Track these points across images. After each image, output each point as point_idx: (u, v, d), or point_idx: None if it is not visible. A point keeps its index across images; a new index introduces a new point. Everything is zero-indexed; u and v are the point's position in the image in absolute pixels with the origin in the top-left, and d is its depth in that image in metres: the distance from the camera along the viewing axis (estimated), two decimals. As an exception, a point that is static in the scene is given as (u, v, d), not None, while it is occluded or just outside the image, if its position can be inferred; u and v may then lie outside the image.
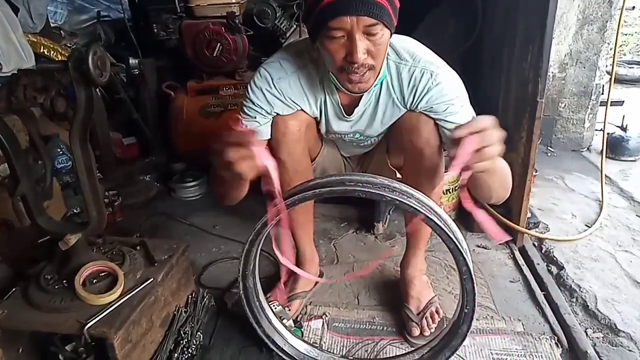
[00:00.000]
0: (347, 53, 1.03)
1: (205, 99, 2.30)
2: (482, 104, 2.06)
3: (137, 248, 1.41)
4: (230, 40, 2.15)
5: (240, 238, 1.79)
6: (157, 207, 2.22)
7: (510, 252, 1.76)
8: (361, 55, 1.02)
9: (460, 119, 1.15)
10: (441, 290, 1.56)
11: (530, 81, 1.57)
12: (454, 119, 1.16)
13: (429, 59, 1.18)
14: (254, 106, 1.23)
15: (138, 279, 1.28)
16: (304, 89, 1.23)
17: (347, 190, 1.00)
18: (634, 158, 2.59)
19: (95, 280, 1.22)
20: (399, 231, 1.90)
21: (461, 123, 1.15)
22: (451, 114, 1.16)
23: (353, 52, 1.01)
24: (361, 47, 1.01)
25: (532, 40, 1.55)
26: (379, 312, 1.46)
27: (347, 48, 1.02)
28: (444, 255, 1.72)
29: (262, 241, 1.16)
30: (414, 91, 1.18)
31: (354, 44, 1.00)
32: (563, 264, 1.63)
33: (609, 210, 2.06)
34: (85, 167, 1.15)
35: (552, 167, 2.52)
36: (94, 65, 1.01)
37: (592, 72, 2.54)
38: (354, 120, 1.28)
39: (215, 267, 1.73)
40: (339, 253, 1.80)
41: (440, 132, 1.20)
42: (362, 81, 1.09)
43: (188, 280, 1.49)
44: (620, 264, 1.65)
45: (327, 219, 2.02)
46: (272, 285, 1.53)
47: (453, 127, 1.15)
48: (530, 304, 1.48)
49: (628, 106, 2.97)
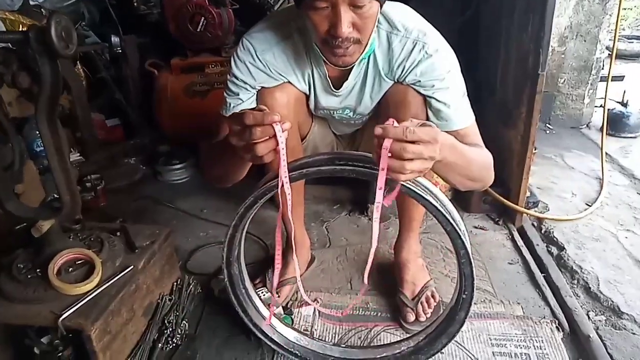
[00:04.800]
0: (330, 26, 0.94)
1: (191, 77, 2.21)
2: (479, 78, 2.00)
3: (117, 234, 1.34)
4: (215, 14, 2.05)
5: (229, 222, 1.71)
6: (143, 191, 2.14)
7: (508, 233, 1.70)
8: (345, 29, 0.93)
9: (449, 97, 1.07)
10: (437, 273, 1.50)
11: (530, 53, 1.49)
12: (442, 96, 1.07)
13: (422, 29, 1.09)
14: (237, 81, 1.14)
15: (117, 266, 1.21)
16: (289, 60, 1.14)
17: (336, 169, 0.92)
18: (635, 135, 2.53)
19: (71, 268, 1.15)
20: (393, 212, 1.83)
21: (449, 102, 1.08)
22: (440, 90, 1.08)
23: (337, 26, 0.92)
24: (346, 20, 0.92)
25: (532, 8, 1.46)
26: (372, 296, 1.41)
27: (331, 20, 0.94)
28: (440, 237, 1.66)
29: (247, 225, 1.09)
30: (403, 63, 1.10)
31: (338, 17, 0.91)
32: (563, 244, 1.58)
33: (610, 188, 2.00)
34: (55, 149, 1.06)
35: (550, 145, 2.46)
36: (57, 35, 0.92)
37: (592, 46, 2.46)
38: (343, 95, 1.20)
39: (203, 252, 1.67)
40: (331, 236, 1.74)
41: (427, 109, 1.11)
42: (347, 54, 1.00)
43: (172, 266, 1.42)
44: (622, 244, 1.60)
45: (319, 201, 1.95)
46: (262, 270, 1.47)
47: (441, 106, 1.08)
48: (530, 287, 1.42)
49: (628, 82, 2.89)
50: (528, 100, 1.54)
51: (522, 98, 1.58)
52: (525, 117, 1.56)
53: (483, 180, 1.09)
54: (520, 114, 1.61)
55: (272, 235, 1.74)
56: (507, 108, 1.72)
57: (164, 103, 2.22)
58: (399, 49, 1.10)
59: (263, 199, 0.99)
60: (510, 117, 1.69)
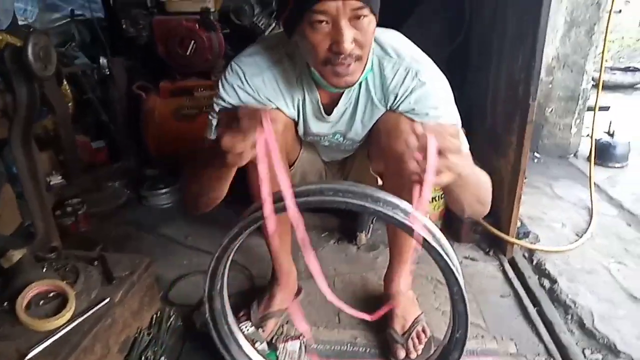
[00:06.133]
0: (332, 42, 0.92)
1: (179, 100, 2.18)
2: (469, 106, 1.99)
3: (94, 263, 1.28)
4: (205, 38, 2.03)
5: (213, 250, 1.66)
6: (126, 216, 2.08)
7: (499, 264, 1.66)
8: (348, 45, 0.91)
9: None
10: (428, 306, 1.45)
11: (521, 82, 1.49)
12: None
13: (415, 56, 1.08)
14: (225, 104, 1.10)
15: (92, 299, 1.15)
16: (279, 86, 1.11)
17: (326, 200, 0.89)
18: (622, 165, 2.54)
19: (42, 302, 1.09)
20: (383, 242, 1.80)
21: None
22: (433, 119, 1.06)
23: (340, 41, 0.90)
24: (348, 35, 0.90)
25: (523, 37, 1.46)
26: (361, 331, 1.35)
27: (333, 37, 0.91)
28: (430, 267, 1.61)
29: (230, 257, 1.04)
30: (396, 91, 1.08)
31: (340, 31, 0.89)
32: (556, 277, 1.54)
33: (599, 218, 1.99)
34: (29, 174, 1.02)
35: (539, 174, 2.45)
36: (34, 56, 0.88)
37: (579, 76, 2.49)
38: (334, 121, 1.17)
39: (186, 281, 1.60)
40: (319, 265, 1.68)
41: None
42: (349, 73, 0.98)
43: (152, 298, 1.36)
44: (614, 277, 1.57)
45: (307, 229, 1.87)
46: (246, 301, 1.41)
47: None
48: (523, 322, 1.38)
49: (613, 112, 2.92)
50: (518, 130, 1.53)
51: (513, 127, 1.57)
52: (516, 146, 1.54)
53: (487, 202, 1.06)
54: (510, 143, 1.59)
55: (259, 264, 1.70)
56: (497, 136, 1.71)
57: (152, 126, 2.18)
58: (391, 74, 1.08)
59: (248, 230, 0.94)
60: (500, 146, 1.68)
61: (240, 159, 0.86)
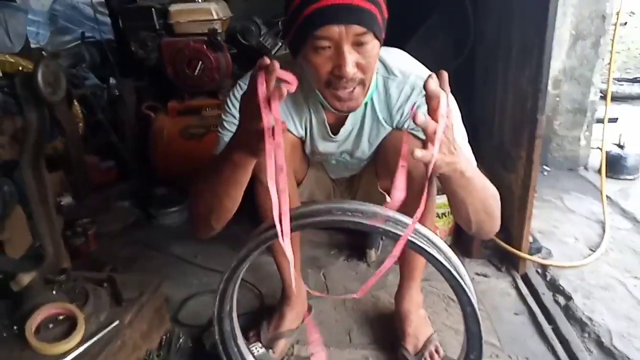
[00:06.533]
0: (334, 66, 0.92)
1: (187, 120, 2.19)
2: (475, 121, 1.99)
3: (103, 285, 1.28)
4: (212, 59, 2.06)
5: (223, 269, 1.65)
6: (135, 235, 2.08)
7: (512, 280, 1.63)
8: (350, 69, 0.91)
9: None
10: (440, 324, 1.43)
11: (529, 96, 1.48)
12: None
13: (420, 73, 1.08)
14: (235, 120, 1.07)
15: (102, 321, 1.15)
16: (287, 105, 1.12)
17: (335, 220, 0.88)
18: (633, 177, 2.50)
19: (51, 325, 1.09)
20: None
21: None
22: None
23: (342, 65, 0.90)
24: (351, 60, 0.90)
25: (530, 51, 1.46)
26: (372, 351, 1.33)
27: (335, 61, 0.91)
28: (441, 285, 1.60)
29: (240, 277, 1.03)
30: (402, 108, 1.07)
31: (343, 56, 0.89)
32: (571, 293, 1.51)
33: (612, 232, 1.95)
34: (39, 197, 1.03)
35: (549, 187, 2.42)
36: (44, 81, 0.90)
37: (586, 89, 2.47)
38: (341, 141, 1.17)
39: (195, 301, 1.59)
40: (328, 284, 1.67)
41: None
42: (352, 98, 0.97)
43: (162, 319, 1.35)
44: (631, 292, 1.54)
45: (316, 246, 1.89)
46: (256, 321, 1.40)
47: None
48: (538, 340, 1.35)
49: (621, 123, 2.90)
50: (527, 145, 1.51)
51: (521, 142, 1.56)
52: (526, 161, 1.53)
53: (496, 215, 1.01)
54: (519, 158, 1.58)
55: (268, 283, 1.68)
56: (506, 151, 1.70)
57: (160, 145, 2.19)
58: (396, 94, 1.08)
59: (257, 251, 0.94)
60: (509, 161, 1.67)
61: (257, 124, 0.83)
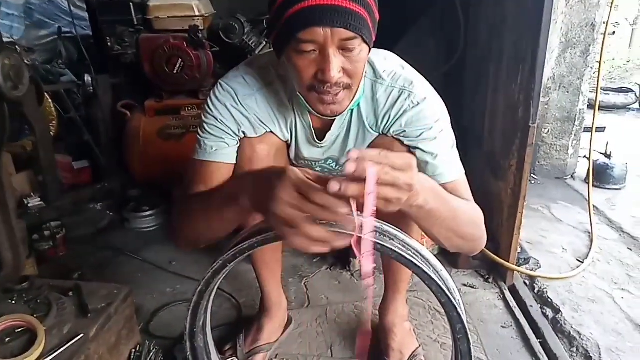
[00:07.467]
0: (318, 70, 0.85)
1: (165, 119, 2.11)
2: (465, 127, 1.94)
3: (69, 294, 1.19)
4: (193, 56, 1.98)
5: (200, 276, 1.57)
6: (108, 240, 1.99)
7: (499, 292, 1.59)
8: (335, 74, 0.84)
9: (436, 148, 0.98)
10: (425, 338, 1.37)
11: (520, 104, 1.44)
12: (428, 147, 0.98)
13: (409, 77, 1.01)
14: (218, 123, 1.01)
15: (65, 334, 1.06)
16: (272, 108, 1.04)
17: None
18: (619, 186, 2.50)
19: (8, 338, 1.00)
20: (379, 268, 1.71)
21: (436, 152, 0.97)
22: (426, 140, 0.98)
23: (326, 70, 0.83)
24: (335, 64, 0.83)
25: (522, 58, 1.42)
26: (355, 366, 1.27)
27: (319, 64, 0.84)
28: (427, 296, 1.54)
29: (215, 290, 0.95)
30: (389, 112, 1.01)
31: (328, 60, 0.82)
32: (559, 306, 1.47)
33: (600, 242, 1.93)
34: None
35: (536, 196, 2.40)
36: (4, 76, 0.82)
37: (575, 97, 2.46)
38: (326, 147, 1.10)
39: (168, 311, 1.51)
40: (310, 294, 1.60)
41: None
42: (336, 102, 0.90)
43: (131, 331, 1.27)
44: (619, 306, 1.50)
45: (298, 254, 1.82)
46: (232, 334, 1.33)
47: (427, 156, 0.98)
48: (526, 354, 1.31)
49: (609, 133, 2.90)
50: (519, 153, 1.47)
51: (512, 150, 1.52)
52: (516, 169, 1.49)
53: (473, 238, 0.97)
54: (510, 166, 1.54)
55: (247, 292, 1.61)
56: (496, 159, 1.66)
57: (136, 146, 2.10)
58: (384, 98, 1.01)
59: (234, 262, 0.86)
60: (499, 169, 1.63)
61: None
